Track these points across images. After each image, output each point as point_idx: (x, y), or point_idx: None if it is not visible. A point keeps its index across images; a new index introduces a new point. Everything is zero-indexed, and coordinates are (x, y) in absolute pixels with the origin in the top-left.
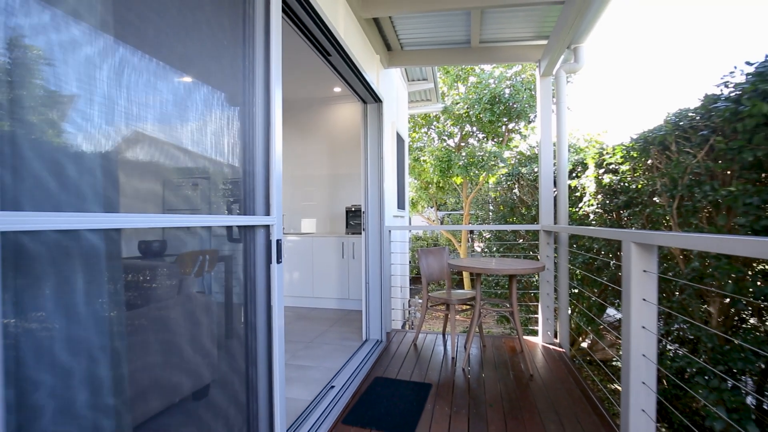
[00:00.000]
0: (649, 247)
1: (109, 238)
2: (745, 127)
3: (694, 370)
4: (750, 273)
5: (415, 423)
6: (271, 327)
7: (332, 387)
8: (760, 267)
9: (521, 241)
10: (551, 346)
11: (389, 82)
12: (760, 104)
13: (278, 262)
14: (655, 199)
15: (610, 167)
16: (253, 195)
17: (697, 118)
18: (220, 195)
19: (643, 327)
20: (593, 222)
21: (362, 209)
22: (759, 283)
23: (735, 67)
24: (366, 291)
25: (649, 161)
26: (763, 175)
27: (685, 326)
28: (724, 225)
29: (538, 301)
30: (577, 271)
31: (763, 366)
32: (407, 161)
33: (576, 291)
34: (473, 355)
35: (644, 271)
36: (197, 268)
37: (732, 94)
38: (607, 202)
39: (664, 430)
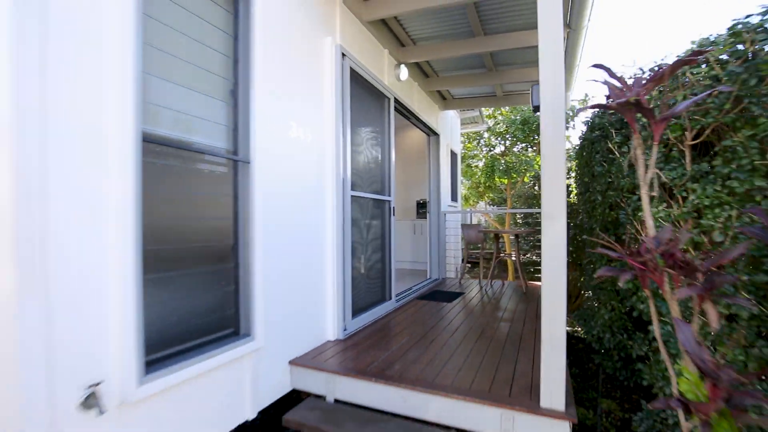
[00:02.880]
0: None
1: (371, 203)
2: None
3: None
4: None
5: (455, 299)
6: (391, 241)
7: (410, 289)
8: None
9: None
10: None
11: (444, 115)
12: None
13: (393, 215)
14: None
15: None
16: (385, 185)
17: None
18: (378, 186)
19: None
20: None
21: (427, 201)
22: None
23: None
24: (429, 250)
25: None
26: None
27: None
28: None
29: None
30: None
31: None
32: (459, 168)
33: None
34: (494, 287)
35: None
36: (375, 214)
37: None
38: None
39: None
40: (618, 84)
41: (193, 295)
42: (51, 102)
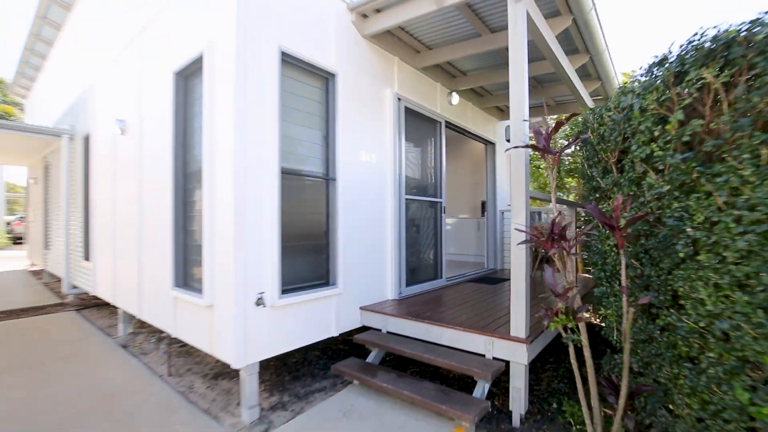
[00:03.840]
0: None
1: (424, 203)
2: None
3: None
4: None
5: (500, 282)
6: (441, 233)
7: (464, 274)
8: None
9: None
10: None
11: (503, 125)
12: None
13: (444, 213)
14: None
15: None
16: (437, 190)
17: None
18: (431, 191)
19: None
20: None
21: (485, 201)
22: None
23: None
24: (486, 244)
25: None
26: None
27: None
28: None
29: None
30: None
31: None
32: None
33: None
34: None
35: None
36: (428, 212)
37: None
38: None
39: None
40: (542, 131)
41: (303, 257)
42: (248, 153)
